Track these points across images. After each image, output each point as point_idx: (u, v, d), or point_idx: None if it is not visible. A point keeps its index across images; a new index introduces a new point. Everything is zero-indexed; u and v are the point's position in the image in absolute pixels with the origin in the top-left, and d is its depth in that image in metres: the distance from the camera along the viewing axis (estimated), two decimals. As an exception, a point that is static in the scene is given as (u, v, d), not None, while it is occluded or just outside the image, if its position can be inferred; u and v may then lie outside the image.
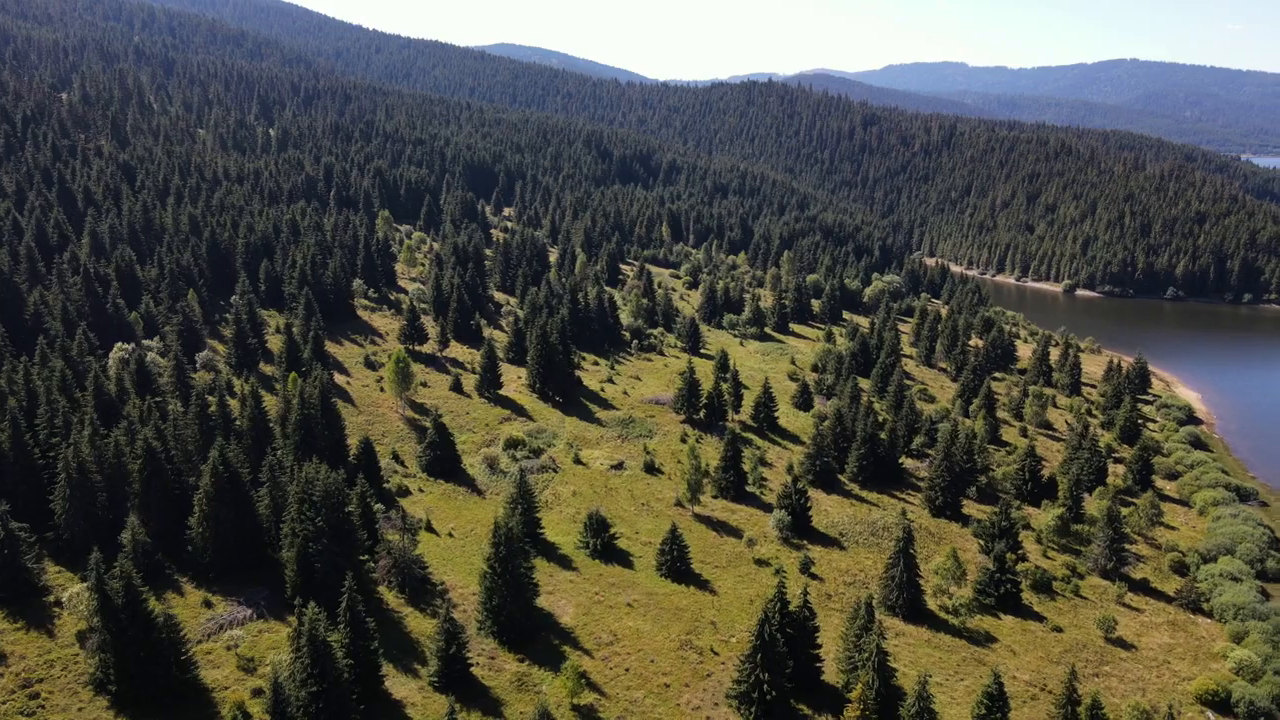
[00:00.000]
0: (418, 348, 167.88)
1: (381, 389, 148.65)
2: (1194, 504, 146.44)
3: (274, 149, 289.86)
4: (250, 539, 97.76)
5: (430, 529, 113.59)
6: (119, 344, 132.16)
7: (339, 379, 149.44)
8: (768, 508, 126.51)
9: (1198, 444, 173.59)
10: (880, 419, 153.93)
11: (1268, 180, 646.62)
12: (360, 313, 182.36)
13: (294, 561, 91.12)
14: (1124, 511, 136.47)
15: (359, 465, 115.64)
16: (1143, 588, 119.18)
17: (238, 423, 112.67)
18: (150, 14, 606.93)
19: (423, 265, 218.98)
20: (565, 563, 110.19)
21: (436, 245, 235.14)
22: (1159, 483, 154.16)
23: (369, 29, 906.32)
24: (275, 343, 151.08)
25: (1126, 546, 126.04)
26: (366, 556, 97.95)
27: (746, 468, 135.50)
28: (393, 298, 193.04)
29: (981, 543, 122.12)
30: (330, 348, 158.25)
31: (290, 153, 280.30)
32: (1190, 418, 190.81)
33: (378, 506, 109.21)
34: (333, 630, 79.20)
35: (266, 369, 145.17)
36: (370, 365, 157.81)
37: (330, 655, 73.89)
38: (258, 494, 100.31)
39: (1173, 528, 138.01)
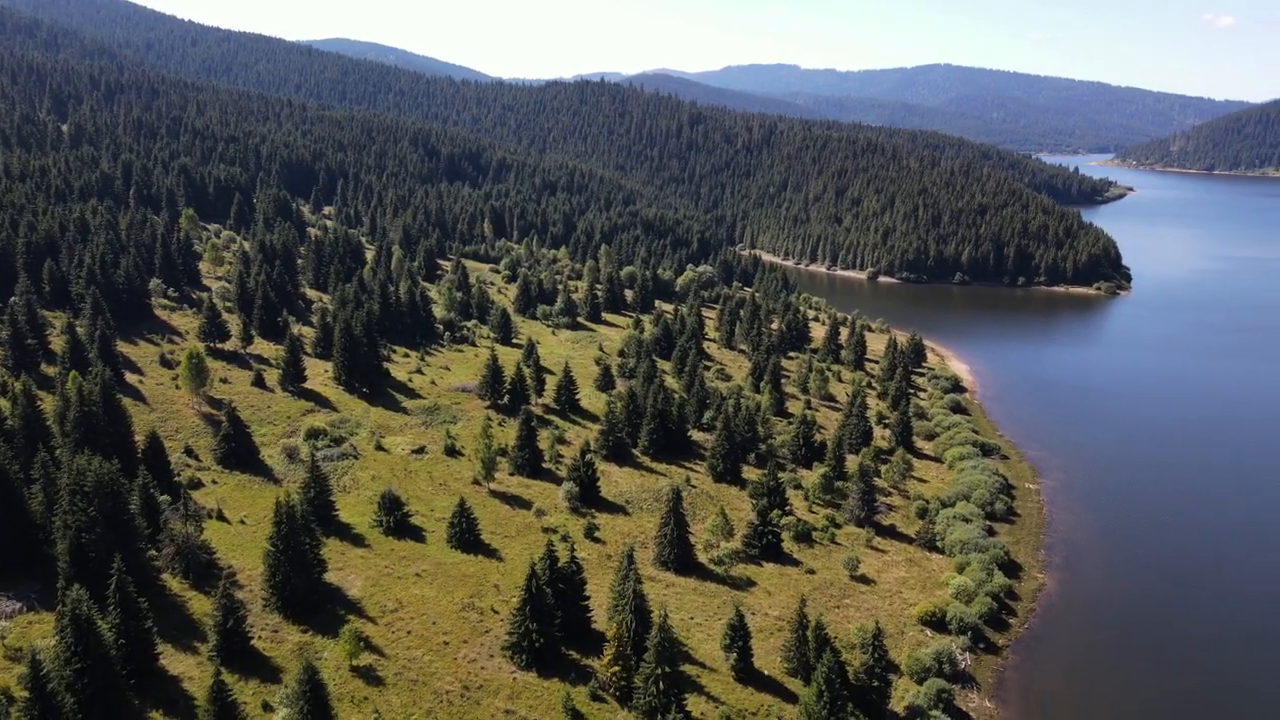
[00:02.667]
0: (219, 345, 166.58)
1: (177, 387, 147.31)
2: (945, 460, 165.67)
3: (66, 145, 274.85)
4: (22, 536, 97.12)
5: (221, 518, 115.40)
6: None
7: (131, 378, 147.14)
8: (562, 482, 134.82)
9: (958, 409, 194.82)
10: (675, 396, 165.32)
11: (1052, 176, 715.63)
12: (159, 312, 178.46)
13: (67, 553, 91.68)
14: (882, 468, 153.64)
15: (145, 460, 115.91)
16: (890, 532, 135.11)
17: (9, 423, 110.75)
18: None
19: (230, 264, 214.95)
20: (358, 541, 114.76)
21: (246, 244, 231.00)
22: (919, 443, 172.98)
23: (183, 20, 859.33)
24: (60, 344, 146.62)
25: (880, 498, 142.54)
26: (148, 545, 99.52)
27: (544, 446, 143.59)
28: (195, 296, 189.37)
29: (754, 502, 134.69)
30: (123, 347, 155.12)
31: (85, 149, 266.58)
32: (956, 386, 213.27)
33: (164, 498, 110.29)
34: (104, 613, 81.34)
35: (49, 370, 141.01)
36: (166, 364, 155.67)
37: (95, 633, 76.05)
38: (30, 491, 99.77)
39: (924, 480, 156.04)
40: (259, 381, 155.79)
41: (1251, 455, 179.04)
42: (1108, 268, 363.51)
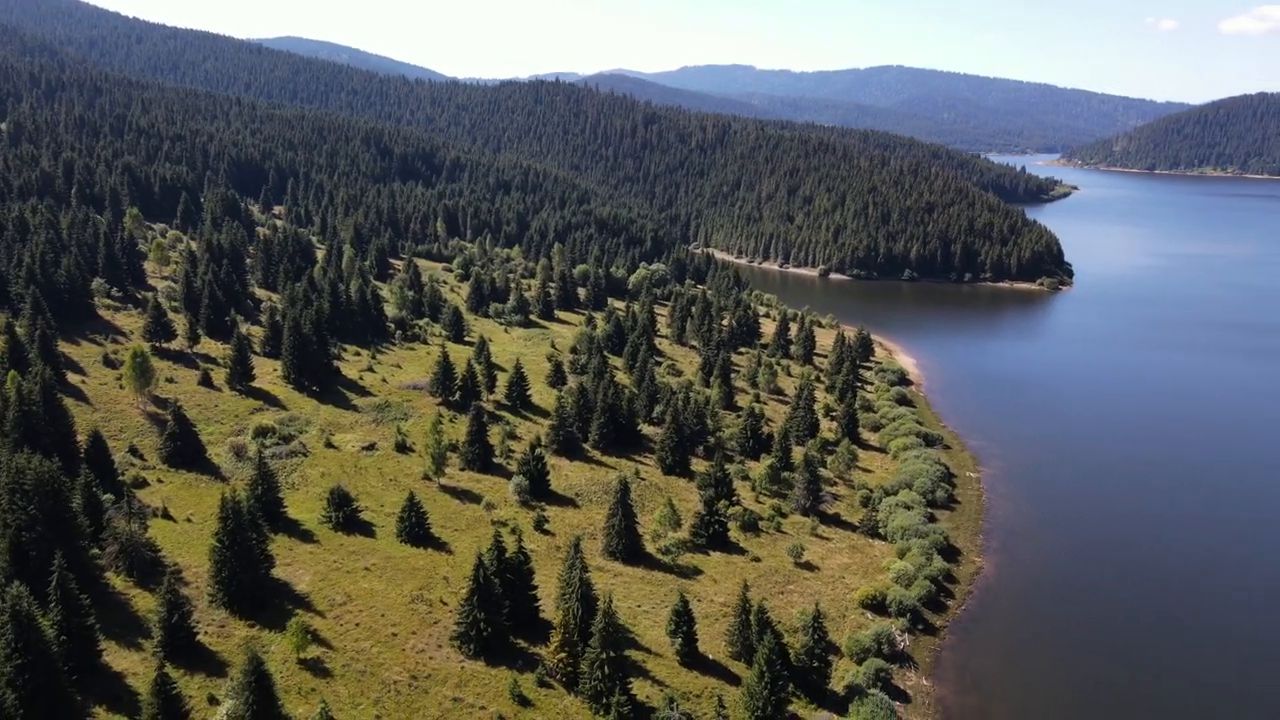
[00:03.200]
0: (165, 345, 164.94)
1: (121, 386, 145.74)
2: (890, 450, 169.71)
3: (5, 144, 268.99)
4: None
5: (167, 516, 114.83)
6: None
7: (73, 378, 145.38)
8: (512, 476, 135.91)
9: (904, 401, 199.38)
10: (626, 391, 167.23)
11: (999, 175, 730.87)
12: (103, 312, 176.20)
13: (6, 552, 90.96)
14: (828, 459, 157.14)
15: (88, 459, 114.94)
16: (835, 521, 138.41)
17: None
18: None
19: (177, 264, 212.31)
20: (307, 537, 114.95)
21: (193, 244, 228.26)
22: (865, 434, 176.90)
23: (128, 16, 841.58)
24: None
25: (826, 487, 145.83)
26: (90, 544, 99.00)
27: (495, 441, 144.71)
28: (140, 296, 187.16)
29: (702, 493, 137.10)
30: (65, 347, 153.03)
31: (24, 148, 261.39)
32: (902, 380, 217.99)
33: (107, 496, 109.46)
34: (45, 610, 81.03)
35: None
36: (110, 364, 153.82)
37: (35, 629, 75.72)
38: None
39: (869, 470, 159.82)
40: (206, 381, 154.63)
41: (1184, 446, 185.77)
42: (1050, 264, 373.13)
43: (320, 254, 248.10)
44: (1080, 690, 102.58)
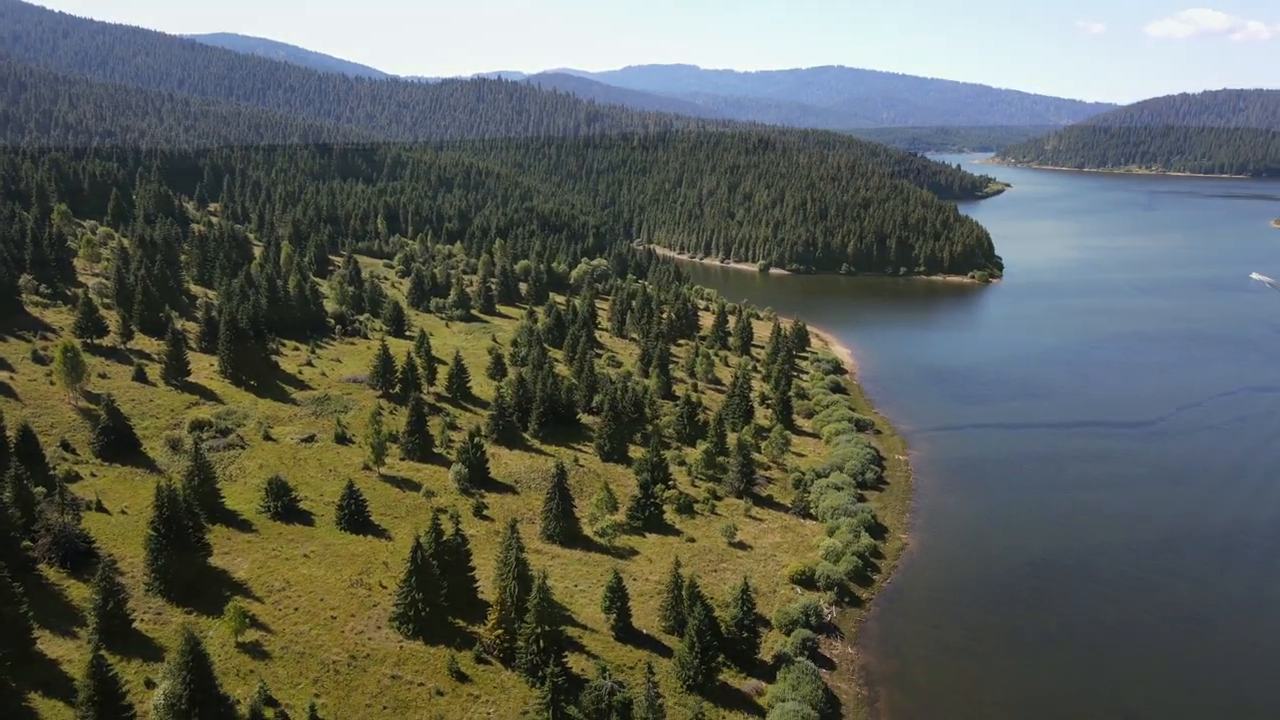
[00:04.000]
0: (97, 341, 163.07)
1: (52, 382, 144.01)
2: (823, 435, 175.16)
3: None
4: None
5: (101, 509, 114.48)
6: None
7: (1, 375, 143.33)
8: (452, 465, 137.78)
9: (837, 389, 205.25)
10: (565, 381, 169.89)
11: (935, 173, 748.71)
12: (31, 309, 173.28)
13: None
14: (762, 444, 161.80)
15: (18, 454, 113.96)
16: (768, 502, 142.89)
17: None
18: None
19: (108, 261, 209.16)
20: (245, 526, 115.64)
21: (125, 240, 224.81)
22: (799, 420, 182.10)
23: (54, 11, 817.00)
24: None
25: (760, 471, 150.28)
26: (22, 536, 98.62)
27: (435, 431, 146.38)
28: (70, 293, 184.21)
29: (639, 477, 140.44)
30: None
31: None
32: (837, 369, 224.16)
33: (38, 489, 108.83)
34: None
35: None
36: (39, 360, 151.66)
37: (-33, 617, 76.21)
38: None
39: (802, 455, 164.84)
40: (140, 376, 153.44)
41: (1098, 427, 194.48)
42: (981, 257, 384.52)
43: (258, 251, 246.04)
44: (994, 655, 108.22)
